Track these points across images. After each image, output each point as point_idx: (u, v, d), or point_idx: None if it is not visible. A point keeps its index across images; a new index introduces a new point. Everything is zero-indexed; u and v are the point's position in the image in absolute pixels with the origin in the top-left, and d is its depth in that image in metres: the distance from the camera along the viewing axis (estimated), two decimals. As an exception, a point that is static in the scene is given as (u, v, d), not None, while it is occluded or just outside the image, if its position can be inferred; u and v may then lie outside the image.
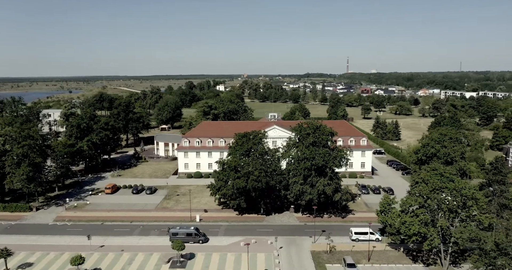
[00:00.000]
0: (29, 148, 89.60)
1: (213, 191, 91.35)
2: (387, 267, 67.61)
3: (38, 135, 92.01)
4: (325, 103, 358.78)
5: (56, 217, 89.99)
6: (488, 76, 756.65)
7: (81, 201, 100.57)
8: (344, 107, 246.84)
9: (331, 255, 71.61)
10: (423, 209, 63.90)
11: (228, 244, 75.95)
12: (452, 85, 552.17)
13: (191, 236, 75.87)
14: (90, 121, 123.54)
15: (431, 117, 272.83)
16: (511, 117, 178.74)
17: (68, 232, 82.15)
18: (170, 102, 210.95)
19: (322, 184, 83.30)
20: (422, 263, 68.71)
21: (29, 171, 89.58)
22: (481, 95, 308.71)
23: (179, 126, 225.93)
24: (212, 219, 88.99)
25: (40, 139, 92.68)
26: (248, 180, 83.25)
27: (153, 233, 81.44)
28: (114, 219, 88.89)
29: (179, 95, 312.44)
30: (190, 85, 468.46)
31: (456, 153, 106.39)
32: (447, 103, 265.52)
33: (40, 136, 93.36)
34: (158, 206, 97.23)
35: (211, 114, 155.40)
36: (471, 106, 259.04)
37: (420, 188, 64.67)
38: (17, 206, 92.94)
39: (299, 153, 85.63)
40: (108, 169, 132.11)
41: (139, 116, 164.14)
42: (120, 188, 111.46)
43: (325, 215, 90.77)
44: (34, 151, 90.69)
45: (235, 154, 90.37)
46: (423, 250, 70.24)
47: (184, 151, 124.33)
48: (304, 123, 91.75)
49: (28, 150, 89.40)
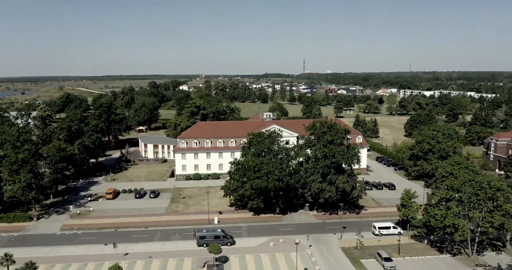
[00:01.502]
0: (29, 154, 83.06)
1: (228, 193, 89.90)
2: (418, 259, 70.07)
3: (39, 139, 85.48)
4: (294, 103, 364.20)
5: (62, 226, 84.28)
6: (436, 76, 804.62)
7: (83, 208, 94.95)
8: (318, 107, 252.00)
9: (361, 250, 73.03)
10: (454, 202, 66.86)
11: (256, 245, 75.10)
12: (407, 85, 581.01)
13: (219, 238, 74.12)
14: (80, 123, 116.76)
15: (399, 115, 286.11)
16: (479, 114, 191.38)
17: (82, 241, 77.24)
18: (147, 102, 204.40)
19: (341, 182, 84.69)
20: (449, 254, 71.93)
21: (30, 178, 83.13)
22: (443, 93, 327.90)
23: (156, 127, 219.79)
24: (230, 220, 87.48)
25: (40, 143, 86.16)
26: (268, 179, 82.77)
27: (175, 238, 78.66)
28: (127, 225, 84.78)
29: (148, 96, 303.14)
30: (153, 85, 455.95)
31: (450, 148, 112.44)
32: (412, 102, 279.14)
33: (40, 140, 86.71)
34: (168, 210, 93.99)
35: (200, 114, 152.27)
36: (435, 104, 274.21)
37: (450, 182, 67.52)
38: (15, 216, 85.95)
39: (317, 152, 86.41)
40: (98, 173, 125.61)
41: (122, 118, 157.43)
42: (120, 192, 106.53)
43: (340, 212, 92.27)
44: (35, 156, 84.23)
45: (249, 154, 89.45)
46: (449, 241, 73.70)
47: (181, 152, 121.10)
48: (317, 122, 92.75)
49: (28, 156, 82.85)
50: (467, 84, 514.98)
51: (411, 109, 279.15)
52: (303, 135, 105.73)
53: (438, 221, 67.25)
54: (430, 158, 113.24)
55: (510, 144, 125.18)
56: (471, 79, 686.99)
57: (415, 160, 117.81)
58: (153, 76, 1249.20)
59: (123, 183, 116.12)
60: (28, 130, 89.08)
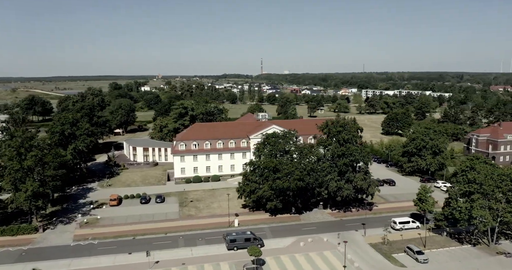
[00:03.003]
0: (36, 160, 77.05)
1: (244, 194, 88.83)
2: (444, 251, 73.28)
3: (46, 144, 79.60)
4: (263, 103, 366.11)
5: (74, 236, 79.04)
6: (390, 76, 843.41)
7: (89, 216, 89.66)
8: (294, 107, 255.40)
9: (389, 245, 75.12)
10: (478, 194, 70.61)
11: (286, 246, 74.93)
12: (364, 85, 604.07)
13: (249, 241, 73.10)
14: (72, 126, 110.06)
15: (368, 114, 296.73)
16: (449, 112, 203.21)
17: (102, 251, 72.92)
18: (124, 104, 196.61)
19: (359, 179, 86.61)
20: (468, 244, 75.87)
21: (38, 186, 77.18)
22: (409, 92, 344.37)
23: (132, 130, 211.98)
24: (249, 222, 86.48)
25: (46, 148, 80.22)
26: (290, 180, 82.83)
27: (200, 243, 76.47)
28: (144, 232, 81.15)
29: (115, 97, 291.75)
30: (115, 86, 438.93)
31: (442, 145, 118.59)
32: (380, 101, 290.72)
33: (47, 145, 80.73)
34: (181, 215, 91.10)
35: (189, 115, 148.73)
36: (401, 103, 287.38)
37: (473, 176, 71.19)
38: (19, 228, 79.33)
39: (334, 150, 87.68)
40: (89, 179, 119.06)
41: (104, 120, 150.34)
42: (122, 199, 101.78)
43: (353, 209, 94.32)
44: (41, 163, 78.34)
45: (265, 155, 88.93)
46: (464, 232, 77.70)
47: (180, 155, 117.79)
48: (329, 121, 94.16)
49: (35, 163, 76.84)
50: (421, 84, 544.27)
51: (379, 108, 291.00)
52: (301, 135, 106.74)
53: (463, 213, 70.72)
54: (424, 154, 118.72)
55: (490, 140, 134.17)
56: (421, 79, 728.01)
57: (409, 156, 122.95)
58: (107, 77, 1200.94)
59: (120, 189, 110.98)
60: (32, 135, 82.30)
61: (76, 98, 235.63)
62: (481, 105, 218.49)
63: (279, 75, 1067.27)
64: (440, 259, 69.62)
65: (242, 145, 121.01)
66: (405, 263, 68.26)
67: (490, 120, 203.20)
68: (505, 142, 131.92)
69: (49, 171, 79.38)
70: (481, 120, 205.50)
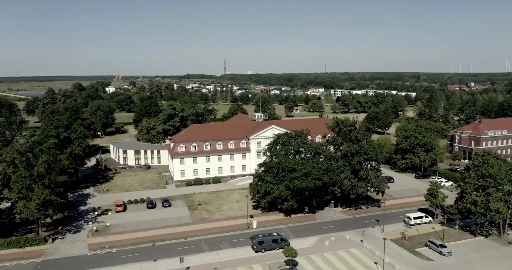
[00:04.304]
0: (48, 166, 72.20)
1: (259, 195, 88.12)
2: (461, 243, 76.45)
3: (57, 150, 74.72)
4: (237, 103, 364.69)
5: (88, 246, 74.88)
6: (352, 76, 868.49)
7: (97, 224, 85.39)
8: (273, 106, 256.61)
9: (409, 241, 77.36)
10: (492, 188, 74.38)
11: (312, 245, 75.18)
12: (330, 85, 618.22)
13: (277, 242, 72.73)
14: (67, 129, 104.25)
15: (341, 113, 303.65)
16: (423, 110, 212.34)
17: (124, 260, 69.64)
18: (103, 106, 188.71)
19: (373, 177, 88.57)
20: (481, 236, 79.72)
21: (49, 194, 72.39)
22: (378, 92, 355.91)
23: (110, 133, 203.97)
24: (266, 223, 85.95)
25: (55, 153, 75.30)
26: (307, 179, 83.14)
27: (224, 246, 75.01)
28: (163, 237, 78.41)
29: (85, 99, 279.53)
30: (79, 87, 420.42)
31: (434, 142, 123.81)
32: (354, 101, 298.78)
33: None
34: (194, 219, 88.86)
35: (179, 116, 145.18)
36: (373, 102, 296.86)
37: (488, 170, 74.86)
38: (27, 239, 73.96)
39: (348, 149, 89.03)
40: (82, 184, 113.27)
41: (90, 123, 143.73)
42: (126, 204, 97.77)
43: (363, 207, 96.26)
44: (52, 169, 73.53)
45: (280, 155, 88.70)
46: (474, 224, 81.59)
47: (180, 157, 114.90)
48: (339, 120, 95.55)
49: (46, 169, 71.95)
50: (384, 84, 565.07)
51: (353, 107, 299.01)
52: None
53: (479, 206, 74.24)
54: (417, 151, 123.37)
55: (473, 136, 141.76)
56: (382, 79, 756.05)
57: (403, 153, 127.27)
58: (62, 77, 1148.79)
59: (119, 194, 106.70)
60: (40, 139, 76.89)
61: (46, 100, 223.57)
62: (453, 104, 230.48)
63: (244, 75, 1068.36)
64: (461, 251, 72.63)
65: (242, 146, 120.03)
66: (431, 257, 70.59)
67: (461, 117, 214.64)
68: (486, 138, 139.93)
69: (60, 177, 74.61)
70: (453, 118, 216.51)
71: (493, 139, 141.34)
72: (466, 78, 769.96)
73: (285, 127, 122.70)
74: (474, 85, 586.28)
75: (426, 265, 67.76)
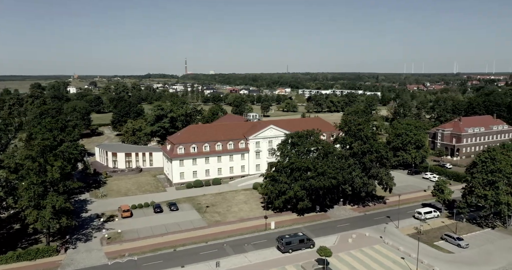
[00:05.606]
0: (62, 172, 67.53)
1: (273, 196, 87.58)
2: (472, 235, 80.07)
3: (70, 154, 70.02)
4: (208, 104, 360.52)
5: (106, 254, 70.87)
6: (314, 77, 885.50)
7: (107, 231, 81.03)
8: (250, 106, 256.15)
9: (426, 235, 79.98)
10: (501, 182, 78.61)
11: (336, 244, 75.70)
12: (295, 85, 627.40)
13: (303, 242, 72.68)
14: (61, 132, 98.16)
15: (315, 112, 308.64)
16: (398, 109, 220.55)
17: (149, 267, 66.73)
18: (79, 107, 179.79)
19: (384, 174, 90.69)
20: (488, 227, 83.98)
21: (64, 201, 67.77)
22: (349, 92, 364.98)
23: (86, 135, 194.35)
24: (283, 223, 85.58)
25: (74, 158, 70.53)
26: (324, 179, 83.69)
27: (249, 248, 73.84)
28: (183, 242, 75.87)
29: (52, 100, 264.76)
30: (38, 87, 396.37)
31: (424, 139, 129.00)
32: (327, 100, 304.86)
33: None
34: (208, 222, 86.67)
35: (169, 117, 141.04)
36: (345, 101, 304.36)
37: (497, 166, 78.98)
38: (38, 251, 68.77)
39: (359, 148, 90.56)
40: (75, 190, 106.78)
41: (74, 125, 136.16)
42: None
43: (370, 204, 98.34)
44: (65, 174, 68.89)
45: (293, 155, 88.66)
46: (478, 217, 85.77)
47: (179, 159, 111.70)
48: (347, 119, 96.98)
49: (61, 175, 67.25)
50: (347, 84, 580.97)
51: (326, 107, 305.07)
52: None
53: (489, 200, 78.22)
54: (408, 148, 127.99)
55: (454, 133, 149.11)
56: (343, 79, 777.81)
57: (394, 151, 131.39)
58: (12, 77, 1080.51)
59: (118, 199, 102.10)
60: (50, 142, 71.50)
61: (13, 101, 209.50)
62: (425, 103, 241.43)
63: (207, 75, 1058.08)
64: (476, 243, 76.09)
65: (241, 146, 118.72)
66: (451, 250, 73.39)
67: (432, 116, 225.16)
68: (467, 135, 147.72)
69: (74, 183, 70.08)
70: (425, 116, 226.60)
71: (472, 136, 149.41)
72: (421, 78, 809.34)
73: (281, 127, 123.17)
74: (430, 85, 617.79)
75: (450, 258, 70.35)
